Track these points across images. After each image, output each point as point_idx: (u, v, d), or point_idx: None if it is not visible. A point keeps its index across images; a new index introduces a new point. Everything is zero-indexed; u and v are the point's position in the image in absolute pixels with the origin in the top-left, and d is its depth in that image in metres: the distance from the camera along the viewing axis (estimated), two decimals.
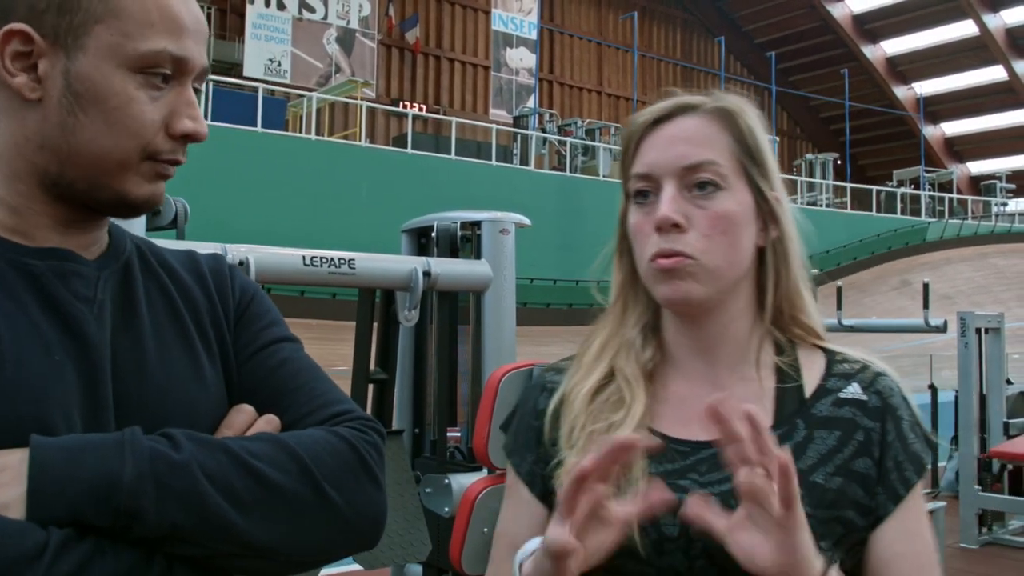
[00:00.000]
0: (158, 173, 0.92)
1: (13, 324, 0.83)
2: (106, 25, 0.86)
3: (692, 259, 1.04)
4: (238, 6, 27.09)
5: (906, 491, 1.05)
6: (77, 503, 0.76)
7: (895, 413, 1.07)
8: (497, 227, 2.94)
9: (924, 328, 6.42)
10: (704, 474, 1.04)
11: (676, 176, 1.06)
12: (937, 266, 28.60)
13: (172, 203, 2.25)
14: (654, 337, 1.15)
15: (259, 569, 0.87)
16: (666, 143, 1.07)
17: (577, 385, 1.13)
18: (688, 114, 1.08)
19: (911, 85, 41.94)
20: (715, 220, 1.04)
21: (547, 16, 34.14)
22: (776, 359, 1.11)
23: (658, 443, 0.87)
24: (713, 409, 0.86)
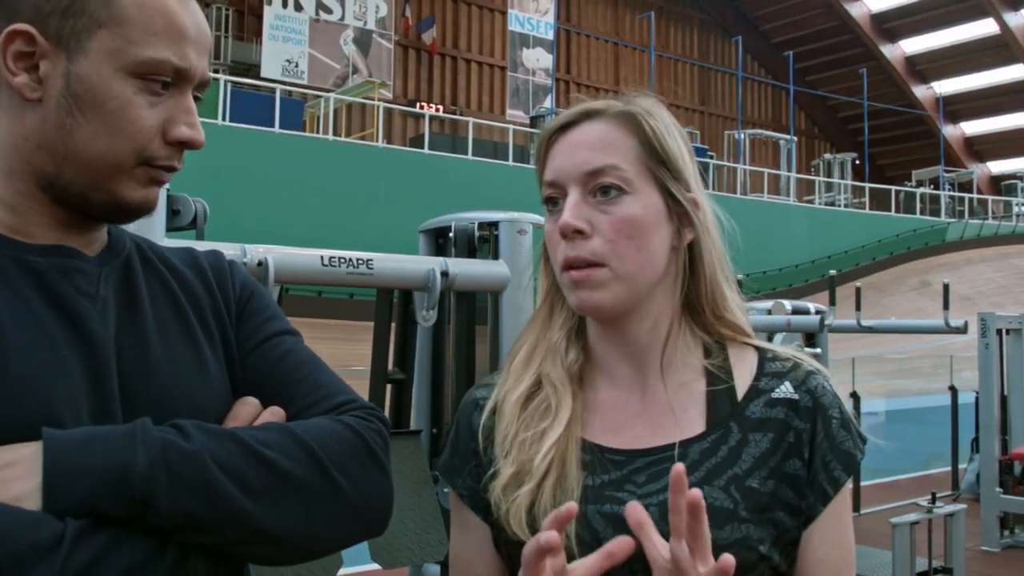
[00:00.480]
0: (152, 178, 0.92)
1: (18, 320, 0.84)
2: (109, 30, 0.87)
3: (602, 267, 1.04)
4: (256, 7, 27.21)
5: (835, 490, 1.04)
6: (92, 493, 0.77)
7: (825, 412, 1.07)
8: (515, 227, 2.94)
9: (944, 329, 6.38)
10: (642, 485, 1.03)
11: (579, 182, 1.06)
12: (957, 267, 28.41)
13: (192, 204, 2.26)
14: (578, 340, 1.14)
15: (270, 556, 0.88)
16: (570, 149, 1.08)
17: (508, 394, 1.12)
18: (593, 119, 1.08)
19: (930, 84, 41.68)
20: (619, 224, 1.04)
21: (563, 16, 34.13)
22: (705, 362, 1.10)
23: (572, 511, 0.86)
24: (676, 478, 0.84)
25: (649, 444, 1.06)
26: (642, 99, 1.11)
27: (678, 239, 1.09)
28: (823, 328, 5.48)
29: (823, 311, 5.62)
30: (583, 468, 1.05)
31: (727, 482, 1.01)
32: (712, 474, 1.02)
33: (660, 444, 1.05)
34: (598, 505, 1.02)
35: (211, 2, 26.36)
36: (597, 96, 1.15)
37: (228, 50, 26.53)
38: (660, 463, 1.03)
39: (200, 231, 2.30)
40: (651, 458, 1.04)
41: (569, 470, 1.04)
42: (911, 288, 27.09)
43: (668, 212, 1.07)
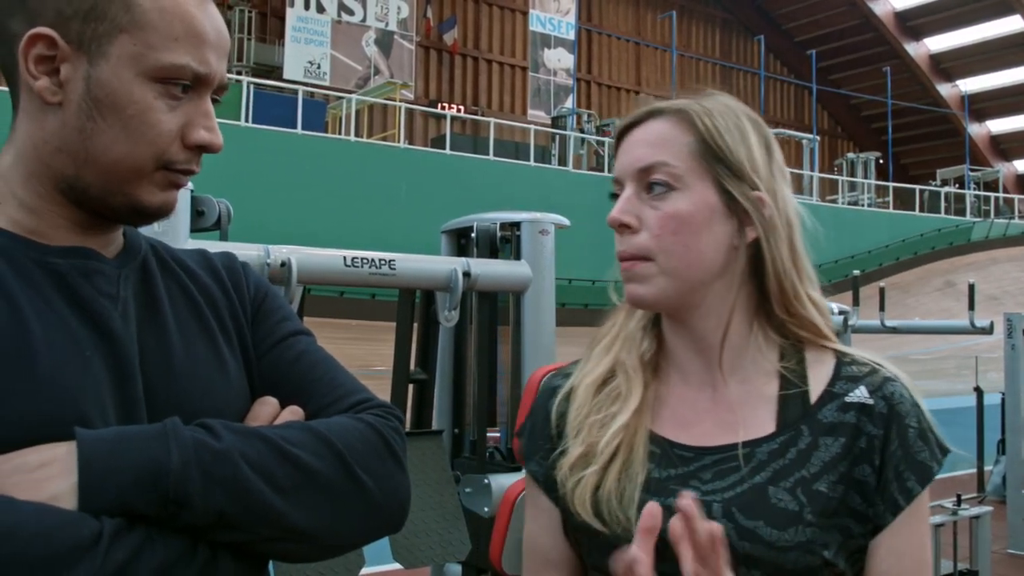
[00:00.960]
0: (171, 182, 0.93)
1: (44, 321, 0.85)
2: (130, 35, 0.88)
3: (650, 260, 1.06)
4: (278, 9, 27.36)
5: (906, 501, 1.03)
6: (126, 492, 0.78)
7: (902, 421, 1.05)
8: (536, 228, 2.94)
9: (970, 330, 6.33)
10: (707, 482, 1.04)
11: (633, 179, 1.09)
12: (983, 266, 28.14)
13: (216, 205, 2.28)
14: (654, 331, 1.16)
15: (296, 553, 0.89)
16: (629, 147, 1.11)
17: (584, 377, 1.16)
18: (654, 118, 1.11)
19: (955, 82, 41.29)
20: (665, 220, 1.06)
21: (585, 16, 34.08)
22: (778, 365, 1.10)
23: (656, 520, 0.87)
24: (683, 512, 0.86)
25: (717, 442, 1.07)
26: (710, 98, 1.12)
27: (738, 237, 1.09)
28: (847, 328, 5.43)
29: (847, 311, 5.58)
30: (651, 460, 1.06)
31: (794, 484, 1.01)
32: (779, 475, 1.02)
33: (728, 443, 1.06)
34: (662, 498, 1.03)
35: (233, 4, 26.52)
36: (618, 96, 1.17)
37: (251, 52, 26.68)
38: (727, 461, 1.04)
39: (224, 232, 2.32)
40: (718, 456, 1.05)
41: (636, 457, 1.06)
42: (936, 288, 26.87)
43: (725, 210, 1.07)
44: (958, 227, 31.22)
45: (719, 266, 1.08)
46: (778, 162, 1.12)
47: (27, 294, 0.85)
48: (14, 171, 0.91)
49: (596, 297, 21.33)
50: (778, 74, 40.38)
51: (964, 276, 22.45)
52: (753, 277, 1.10)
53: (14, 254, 0.87)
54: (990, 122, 42.94)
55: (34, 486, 0.76)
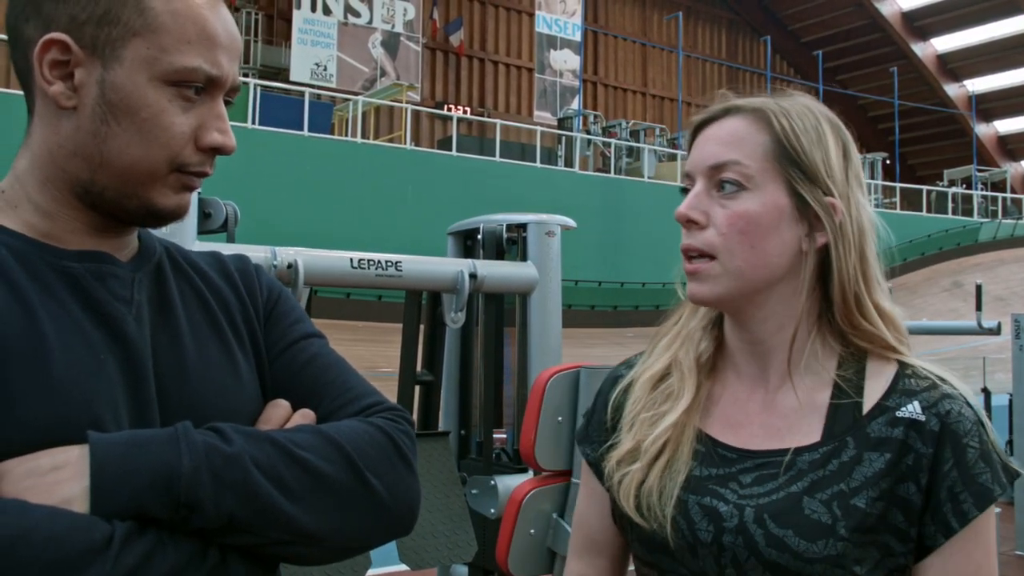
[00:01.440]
0: (185, 184, 0.93)
1: (59, 324, 0.85)
2: (143, 39, 0.88)
3: (714, 258, 1.05)
4: (285, 12, 27.41)
5: (960, 524, 0.99)
6: (138, 496, 0.79)
7: (958, 440, 1.01)
8: (543, 229, 2.94)
9: (977, 330, 6.31)
10: (745, 486, 1.03)
11: (704, 175, 1.08)
12: (990, 267, 28.05)
13: (222, 207, 2.29)
14: (714, 331, 1.16)
15: (306, 556, 0.90)
16: (703, 143, 1.10)
17: (643, 372, 1.17)
18: (731, 116, 1.09)
19: (963, 83, 41.18)
20: (733, 219, 1.05)
21: (591, 17, 34.08)
22: (835, 374, 1.07)
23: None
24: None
25: (762, 447, 1.06)
26: (790, 98, 1.11)
27: (807, 242, 1.07)
28: None
29: None
30: (695, 457, 1.07)
31: (830, 497, 0.99)
32: (816, 486, 1.00)
33: (772, 448, 1.05)
34: (699, 496, 1.04)
35: (241, 7, 26.57)
36: (624, 97, 1.17)
37: (258, 54, 26.73)
38: (768, 467, 1.04)
39: (231, 234, 2.32)
40: (760, 460, 1.05)
41: (680, 456, 1.07)
42: (943, 289, 26.79)
43: (796, 213, 1.06)
44: (965, 228, 31.13)
45: (784, 270, 1.06)
46: (855, 168, 1.10)
47: (41, 297, 0.86)
48: (29, 175, 0.92)
49: (602, 298, 21.32)
50: (784, 75, 40.30)
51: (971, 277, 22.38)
52: (820, 283, 1.08)
53: (29, 257, 0.88)
54: (997, 122, 42.81)
55: (46, 489, 0.77)
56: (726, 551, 1.00)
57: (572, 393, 2.31)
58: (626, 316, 20.69)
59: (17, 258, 0.87)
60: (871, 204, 1.13)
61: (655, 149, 26.88)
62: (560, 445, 2.30)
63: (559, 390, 2.29)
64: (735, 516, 1.01)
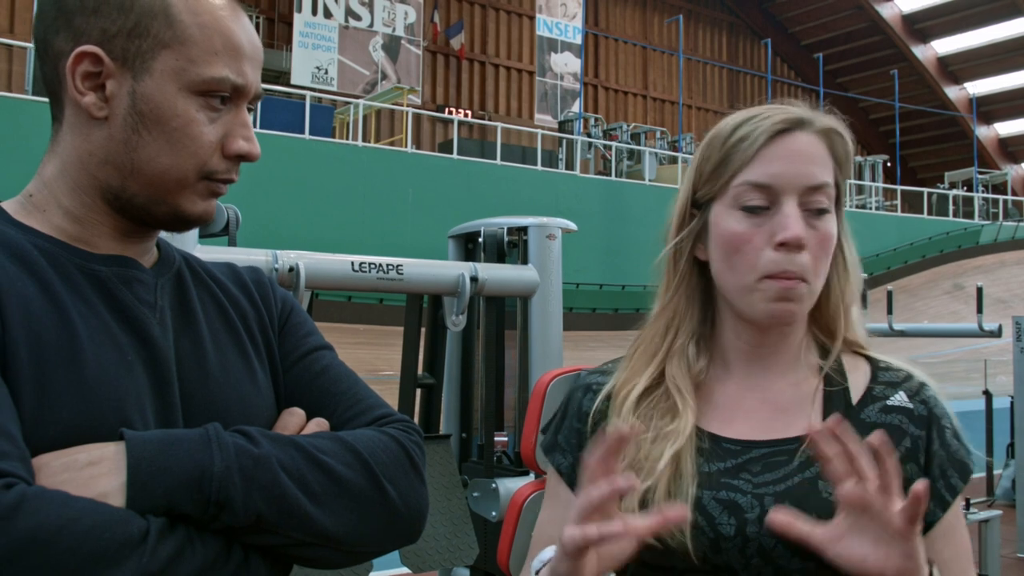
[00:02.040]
0: (212, 191, 0.97)
1: (90, 325, 0.88)
2: (173, 51, 0.92)
3: (805, 281, 1.06)
4: (286, 15, 27.43)
5: (953, 497, 1.08)
6: (172, 493, 0.82)
7: (939, 422, 1.10)
8: (544, 232, 2.95)
9: (978, 333, 6.31)
10: (757, 474, 1.05)
11: (798, 193, 1.05)
12: (991, 269, 28.06)
13: (224, 210, 2.29)
14: (707, 346, 1.16)
15: (322, 558, 0.92)
16: (792, 157, 1.06)
17: (625, 386, 1.15)
18: (806, 129, 1.08)
19: (963, 85, 41.19)
20: (824, 242, 1.07)
21: (592, 20, 34.11)
22: (821, 362, 1.13)
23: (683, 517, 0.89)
24: (829, 429, 0.88)
25: (765, 437, 1.08)
26: (828, 116, 1.12)
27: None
28: None
29: None
30: (699, 455, 1.07)
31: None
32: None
33: (776, 438, 1.08)
34: (714, 491, 1.04)
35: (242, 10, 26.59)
36: (625, 100, 1.16)
37: None
38: (776, 455, 1.06)
39: (232, 237, 2.33)
40: (766, 450, 1.07)
41: (684, 466, 1.06)
42: (944, 291, 26.79)
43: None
44: (966, 230, 31.13)
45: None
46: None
47: (72, 298, 0.88)
48: (59, 181, 0.95)
49: (603, 301, 21.32)
50: (785, 77, 40.31)
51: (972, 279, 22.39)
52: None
53: (59, 259, 0.91)
54: (998, 124, 42.82)
55: (83, 483, 0.79)
56: (751, 542, 1.01)
57: None
58: (627, 319, 20.68)
59: (48, 259, 0.90)
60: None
61: (656, 152, 26.89)
62: None
63: (560, 393, 2.29)
64: (756, 506, 1.02)
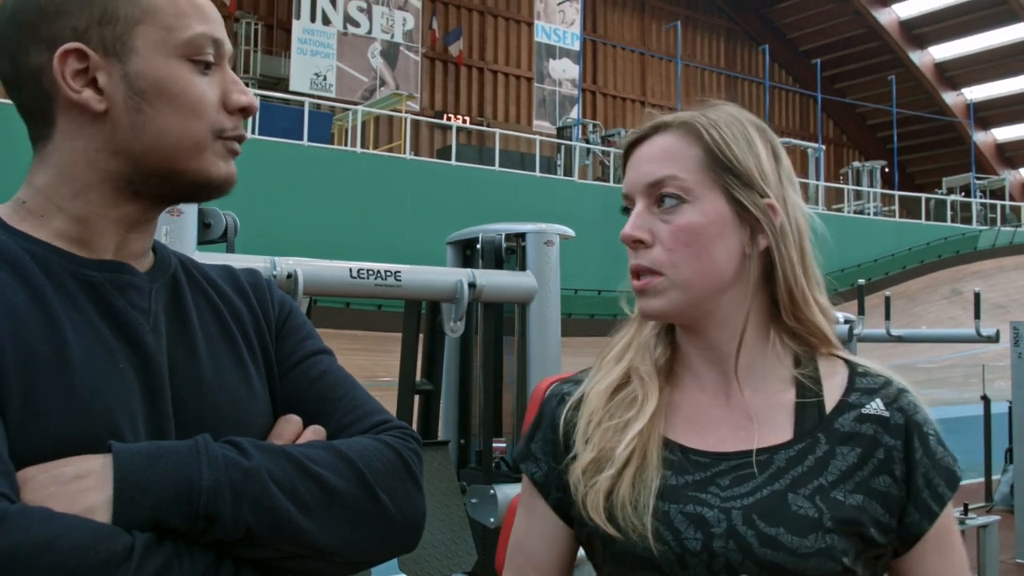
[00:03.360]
0: (229, 150, 0.97)
1: (80, 332, 0.87)
2: (146, 24, 0.92)
3: (661, 275, 1.07)
4: (284, 22, 27.47)
5: (940, 507, 1.05)
6: (159, 507, 0.80)
7: (920, 430, 1.07)
8: (542, 238, 2.95)
9: (976, 338, 6.31)
10: (725, 488, 1.04)
11: (644, 194, 1.10)
12: (989, 275, 28.07)
13: (222, 217, 2.30)
14: (668, 337, 1.17)
15: (316, 571, 0.91)
16: (637, 163, 1.12)
17: (596, 384, 1.16)
18: (660, 133, 1.12)
19: (960, 91, 41.25)
20: (677, 233, 1.07)
21: (590, 27, 34.16)
22: (795, 372, 1.11)
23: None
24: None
25: (734, 448, 1.07)
26: (715, 109, 1.14)
27: (751, 246, 1.10)
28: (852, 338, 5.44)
29: (852, 320, 5.58)
30: (667, 467, 1.06)
31: (812, 492, 1.02)
32: (797, 482, 1.03)
33: (745, 449, 1.06)
34: (680, 504, 1.03)
35: (240, 17, 26.62)
36: (623, 106, 1.18)
37: (257, 64, 26.78)
38: (744, 467, 1.05)
39: (231, 244, 2.33)
40: (735, 462, 1.06)
41: (649, 462, 1.06)
42: (942, 297, 26.81)
43: (737, 219, 1.09)
44: (964, 235, 31.14)
45: (731, 276, 1.09)
46: (786, 169, 1.13)
47: (64, 305, 0.87)
48: (60, 188, 0.93)
49: (602, 307, 21.31)
50: (783, 83, 40.39)
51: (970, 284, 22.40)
52: (767, 285, 1.11)
53: (51, 265, 0.90)
54: (996, 130, 42.87)
55: (70, 498, 0.78)
56: (717, 557, 1.00)
57: None
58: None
59: (40, 265, 0.89)
60: (804, 202, 1.16)
61: None
62: None
63: None
64: (723, 520, 1.01)
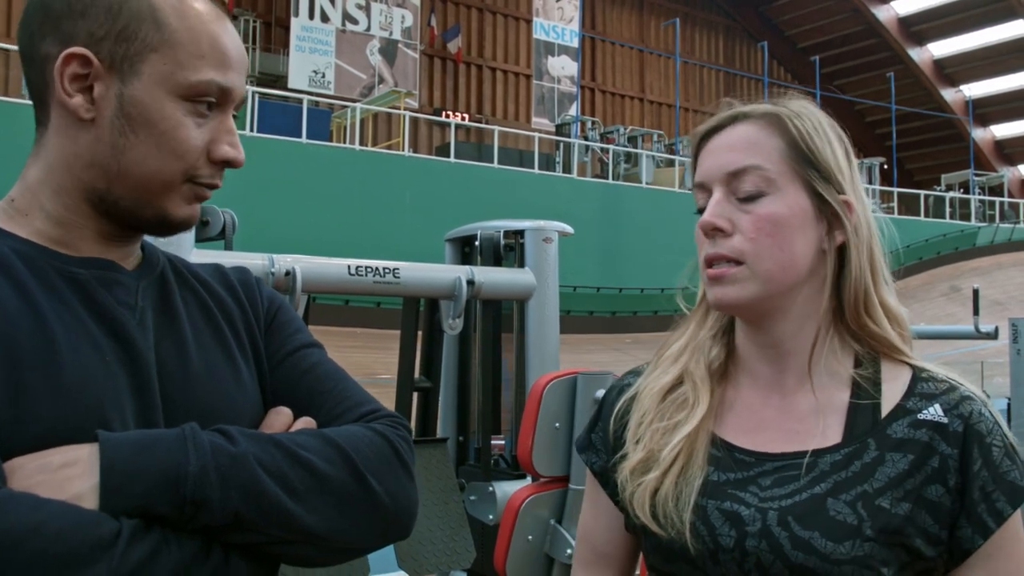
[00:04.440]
0: (196, 195, 0.97)
1: (67, 327, 0.88)
2: (160, 55, 0.92)
3: (739, 265, 1.05)
4: (283, 19, 27.44)
5: (997, 523, 0.99)
6: (147, 494, 0.81)
7: (982, 440, 1.01)
8: (540, 235, 2.95)
9: (974, 335, 6.32)
10: (765, 488, 1.02)
11: (723, 182, 1.07)
12: (987, 271, 28.08)
13: (220, 214, 2.29)
14: (724, 339, 1.15)
15: (306, 556, 0.92)
16: (716, 152, 1.09)
17: (651, 383, 1.15)
18: (740, 122, 1.10)
19: (959, 87, 41.24)
20: (760, 223, 1.04)
21: (588, 24, 34.13)
22: (853, 372, 1.08)
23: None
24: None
25: (781, 449, 1.05)
26: (793, 101, 1.12)
27: (827, 241, 1.08)
28: None
29: None
30: (711, 463, 1.06)
31: (854, 498, 0.99)
32: (839, 487, 1.00)
33: (792, 451, 1.04)
34: (718, 501, 1.03)
35: (239, 14, 26.60)
36: (622, 103, 1.17)
37: (256, 61, 26.74)
38: (788, 469, 1.03)
39: (229, 241, 2.33)
40: (780, 463, 1.04)
41: (695, 461, 1.05)
42: (940, 293, 26.81)
43: (816, 213, 1.07)
44: (963, 232, 31.16)
45: (808, 270, 1.07)
46: (856, 169, 1.12)
47: (50, 301, 0.88)
48: (43, 185, 0.95)
49: (600, 304, 21.32)
50: (782, 80, 40.35)
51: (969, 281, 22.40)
52: (836, 282, 1.09)
53: (37, 263, 0.91)
54: (994, 127, 42.86)
55: (57, 486, 0.79)
56: (749, 556, 0.99)
57: (569, 399, 2.32)
58: (624, 322, 20.69)
59: (26, 263, 0.90)
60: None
61: (653, 155, 26.89)
62: (557, 451, 2.31)
63: (556, 396, 2.29)
64: (758, 520, 1.00)
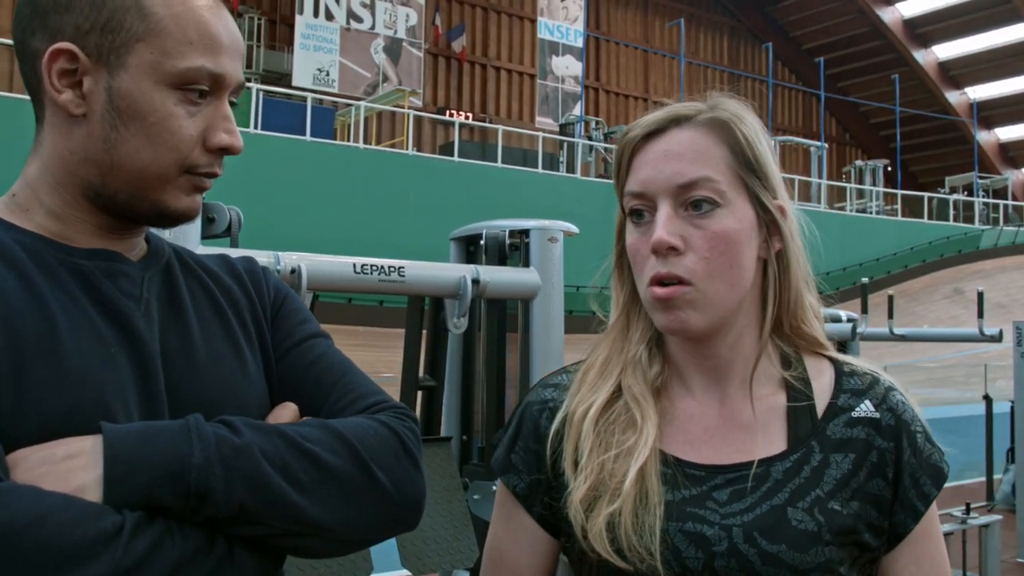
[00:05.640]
0: (195, 186, 0.96)
1: (71, 317, 0.87)
2: (147, 44, 0.91)
3: (690, 285, 0.99)
4: (287, 17, 27.44)
5: (925, 506, 1.02)
6: (150, 485, 0.81)
7: (909, 428, 1.04)
8: (545, 235, 2.95)
9: (978, 338, 6.30)
10: (724, 504, 0.99)
11: (671, 195, 1.00)
12: (991, 274, 28.04)
13: (226, 212, 2.29)
14: (660, 352, 1.09)
15: (311, 547, 0.91)
16: (659, 159, 1.01)
17: (581, 405, 1.07)
18: (682, 126, 1.02)
19: (964, 90, 41.17)
20: (714, 240, 0.98)
21: (593, 24, 34.11)
22: (784, 373, 1.06)
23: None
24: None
25: (729, 460, 1.02)
26: (729, 102, 1.05)
27: (766, 249, 1.04)
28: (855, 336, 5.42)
29: (855, 319, 5.57)
30: (663, 482, 1.00)
31: (810, 504, 0.98)
32: (796, 495, 0.99)
33: (741, 461, 1.02)
34: (679, 523, 0.98)
35: (243, 12, 26.60)
36: (626, 103, 1.13)
37: (260, 59, 26.76)
38: (741, 481, 1.00)
39: (234, 239, 2.33)
40: (732, 475, 1.01)
41: (650, 486, 0.99)
42: (944, 296, 26.79)
43: (758, 222, 1.02)
44: (967, 235, 31.12)
45: (750, 283, 1.03)
46: (778, 166, 1.07)
47: (54, 292, 0.88)
48: (41, 180, 0.94)
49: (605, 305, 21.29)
50: (786, 81, 40.32)
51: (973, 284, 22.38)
52: (772, 290, 1.06)
53: (41, 255, 0.90)
54: (999, 130, 42.79)
55: (61, 477, 0.79)
56: (713, 570, 0.96)
57: None
58: None
59: (30, 255, 0.89)
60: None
61: None
62: None
63: None
64: (723, 538, 0.96)
